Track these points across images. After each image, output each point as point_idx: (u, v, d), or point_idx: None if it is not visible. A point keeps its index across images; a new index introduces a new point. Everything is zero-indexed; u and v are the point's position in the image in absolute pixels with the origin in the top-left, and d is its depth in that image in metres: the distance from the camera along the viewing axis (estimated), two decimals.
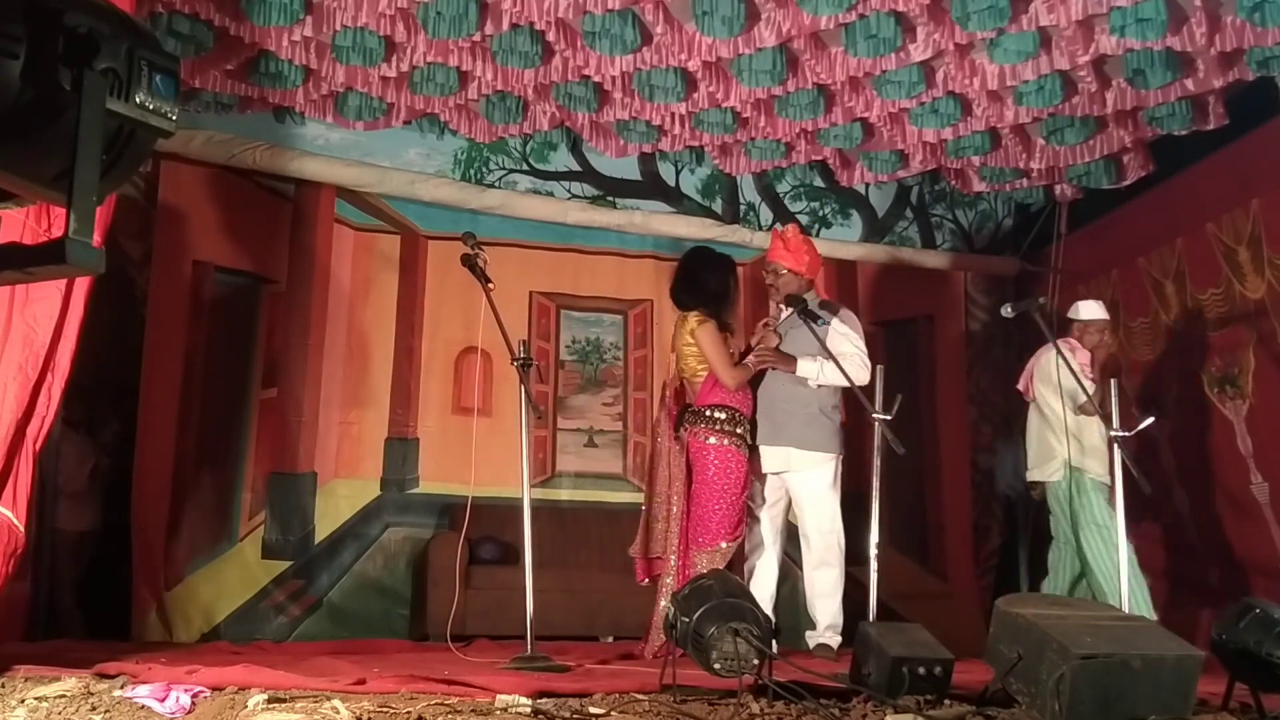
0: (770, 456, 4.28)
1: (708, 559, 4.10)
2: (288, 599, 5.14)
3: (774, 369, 4.28)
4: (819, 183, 6.30)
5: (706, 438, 4.20)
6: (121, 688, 2.50)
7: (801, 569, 4.37)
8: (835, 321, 4.26)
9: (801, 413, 4.25)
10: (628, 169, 5.99)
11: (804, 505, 4.29)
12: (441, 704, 2.38)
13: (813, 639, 4.26)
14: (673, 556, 4.22)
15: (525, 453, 3.85)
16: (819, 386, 4.24)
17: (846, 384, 4.07)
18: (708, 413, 4.23)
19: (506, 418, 5.20)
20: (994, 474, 6.33)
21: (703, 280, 4.35)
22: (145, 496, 4.81)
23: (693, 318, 4.26)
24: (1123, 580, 3.77)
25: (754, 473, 4.29)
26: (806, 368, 4.22)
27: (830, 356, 4.06)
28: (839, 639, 4.20)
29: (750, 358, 4.31)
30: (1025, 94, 4.69)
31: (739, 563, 4.33)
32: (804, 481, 4.28)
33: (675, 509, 4.26)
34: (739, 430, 4.21)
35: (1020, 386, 4.88)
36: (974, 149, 5.32)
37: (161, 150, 4.70)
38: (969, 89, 4.70)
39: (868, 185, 6.24)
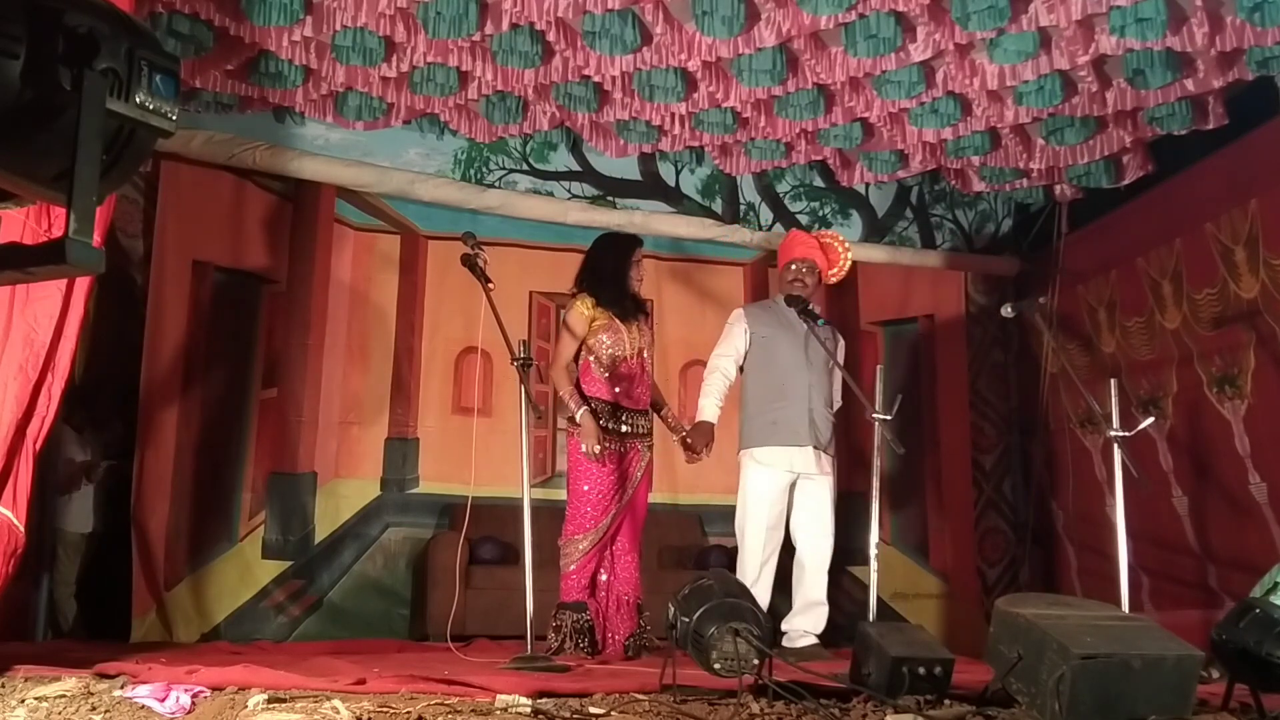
0: (816, 459, 4.38)
1: (567, 550, 4.15)
2: (288, 599, 5.14)
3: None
4: (819, 183, 6.30)
5: (575, 433, 4.22)
6: (121, 688, 2.50)
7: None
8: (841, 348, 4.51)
9: (831, 421, 4.49)
10: (628, 169, 5.98)
11: (823, 508, 4.40)
12: (441, 704, 2.38)
13: (809, 637, 4.29)
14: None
15: (525, 453, 3.85)
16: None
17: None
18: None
19: (506, 418, 5.21)
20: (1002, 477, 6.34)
21: (594, 262, 4.36)
22: (145, 496, 4.80)
23: (571, 301, 4.31)
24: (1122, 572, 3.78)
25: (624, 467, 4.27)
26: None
27: (836, 362, 4.33)
28: None
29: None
30: (1025, 94, 4.69)
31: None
32: (827, 485, 4.43)
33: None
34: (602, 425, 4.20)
35: None
36: (974, 149, 5.32)
37: (161, 150, 4.69)
38: (969, 89, 4.70)
39: (868, 185, 6.24)
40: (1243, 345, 4.76)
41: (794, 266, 4.54)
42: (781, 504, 4.37)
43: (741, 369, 4.55)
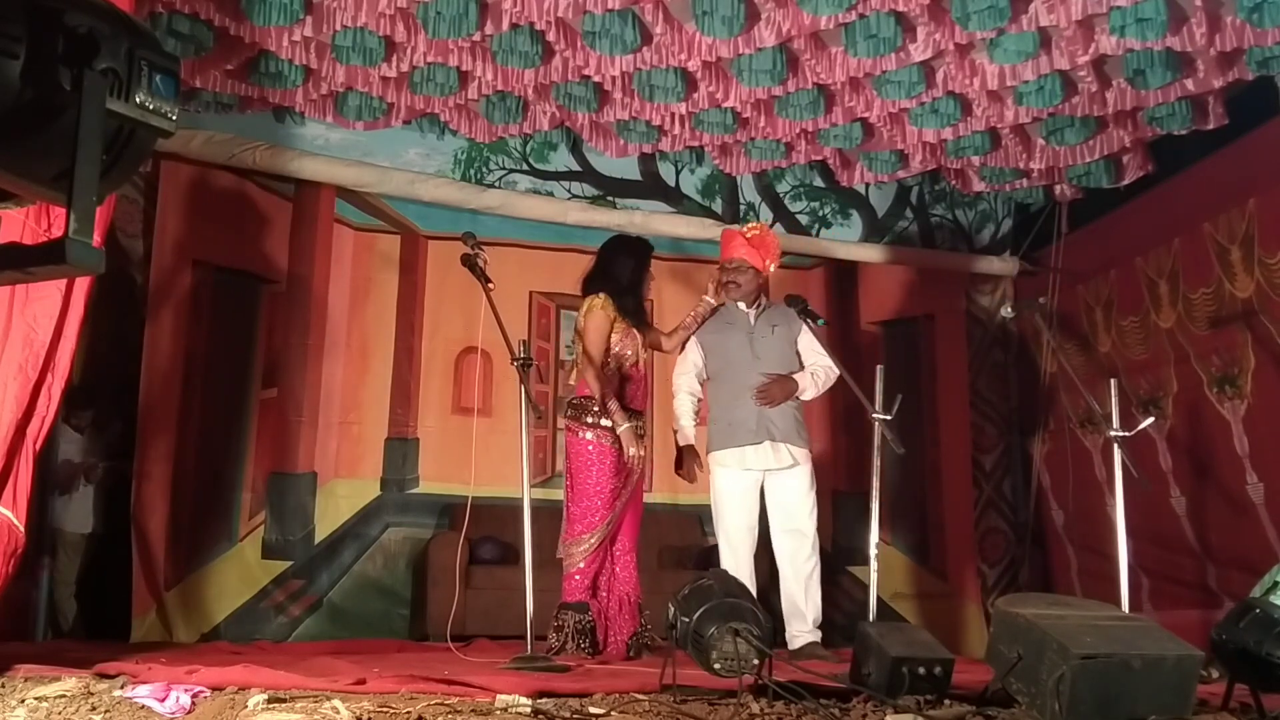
0: (776, 453, 4.32)
1: (572, 550, 4.14)
2: (288, 599, 5.14)
3: (775, 405, 4.32)
4: (819, 183, 6.30)
5: (580, 432, 4.20)
6: (121, 688, 2.50)
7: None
8: (804, 328, 4.37)
9: (793, 413, 4.39)
10: (628, 169, 5.98)
11: (800, 501, 4.34)
12: (441, 704, 2.38)
13: (803, 637, 4.27)
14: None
15: (525, 453, 3.85)
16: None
17: (823, 389, 4.43)
18: (582, 403, 4.24)
19: (506, 418, 5.21)
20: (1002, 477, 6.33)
21: (613, 267, 4.36)
22: (145, 496, 4.80)
23: (590, 300, 4.27)
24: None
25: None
26: (806, 387, 4.40)
27: (823, 344, 4.30)
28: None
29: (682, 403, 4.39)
30: (1025, 94, 4.69)
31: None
32: (802, 477, 4.36)
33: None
34: (605, 423, 4.18)
35: None
36: (974, 149, 5.32)
37: (161, 150, 4.70)
38: (969, 89, 4.70)
39: (868, 185, 6.24)
40: (1239, 344, 4.76)
41: (726, 268, 4.46)
42: (749, 503, 4.33)
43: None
